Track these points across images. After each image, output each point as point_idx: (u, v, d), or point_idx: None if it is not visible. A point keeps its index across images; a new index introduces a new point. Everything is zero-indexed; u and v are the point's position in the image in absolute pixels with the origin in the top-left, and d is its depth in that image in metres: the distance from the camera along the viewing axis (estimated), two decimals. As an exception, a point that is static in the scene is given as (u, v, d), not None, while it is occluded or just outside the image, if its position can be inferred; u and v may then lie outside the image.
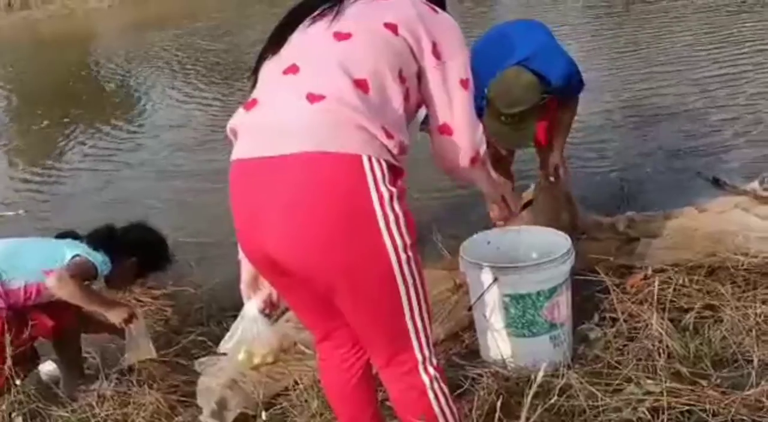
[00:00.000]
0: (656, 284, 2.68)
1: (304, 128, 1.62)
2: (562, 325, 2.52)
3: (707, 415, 2.14)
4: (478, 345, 2.67)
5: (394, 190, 1.62)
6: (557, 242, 2.53)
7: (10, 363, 2.62)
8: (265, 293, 2.03)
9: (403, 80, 1.70)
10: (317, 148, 1.59)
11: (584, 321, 2.73)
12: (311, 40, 1.73)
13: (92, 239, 2.85)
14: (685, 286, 2.78)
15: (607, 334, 2.61)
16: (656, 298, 2.61)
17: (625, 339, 2.57)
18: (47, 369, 3.00)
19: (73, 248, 2.75)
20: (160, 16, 13.11)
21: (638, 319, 2.60)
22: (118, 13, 14.65)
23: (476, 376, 2.45)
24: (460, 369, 2.54)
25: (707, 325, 2.55)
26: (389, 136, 1.63)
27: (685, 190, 3.87)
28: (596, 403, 2.22)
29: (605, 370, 2.40)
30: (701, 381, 2.28)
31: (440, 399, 1.78)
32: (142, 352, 2.83)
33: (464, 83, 1.76)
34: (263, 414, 2.44)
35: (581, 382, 2.28)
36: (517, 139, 2.92)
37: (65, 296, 2.66)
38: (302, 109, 1.62)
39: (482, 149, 1.84)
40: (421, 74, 1.74)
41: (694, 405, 2.18)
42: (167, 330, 3.28)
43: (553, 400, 2.10)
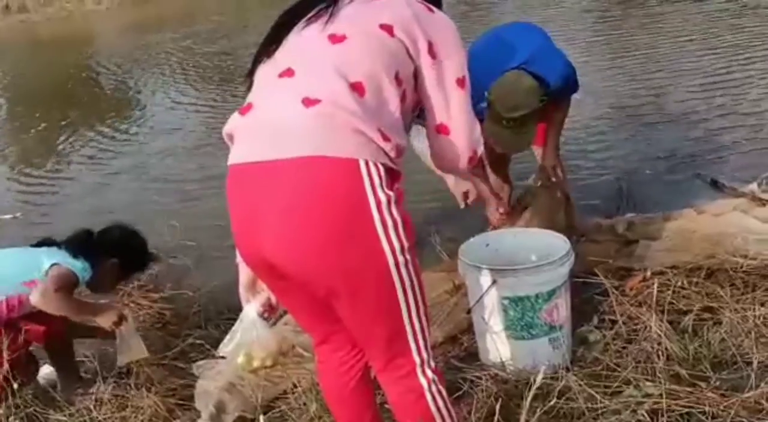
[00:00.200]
0: (655, 287, 2.68)
1: (300, 132, 1.61)
2: (561, 327, 2.52)
3: (706, 417, 2.14)
4: (476, 347, 2.66)
5: (391, 194, 1.62)
6: (556, 245, 2.53)
7: (7, 367, 2.62)
8: (263, 297, 2.03)
9: (399, 82, 1.69)
10: (314, 152, 1.59)
11: (583, 323, 2.73)
12: (306, 42, 1.73)
13: (70, 245, 2.78)
14: (684, 288, 2.78)
15: (606, 336, 2.61)
16: (655, 300, 2.62)
17: (624, 341, 2.57)
18: (44, 372, 2.99)
19: (51, 257, 2.70)
20: (158, 18, 13.09)
21: (637, 321, 2.60)
22: (116, 15, 14.62)
23: (475, 379, 2.44)
24: (458, 371, 2.53)
25: (706, 327, 2.55)
26: (386, 139, 1.63)
27: (684, 192, 3.86)
28: (595, 405, 2.22)
29: (604, 372, 2.40)
30: (700, 383, 2.28)
31: (438, 401, 1.78)
32: (134, 352, 2.82)
33: (461, 82, 1.75)
34: (261, 417, 2.43)
35: (580, 384, 2.28)
36: (517, 142, 2.92)
37: (51, 311, 2.64)
38: (298, 113, 1.62)
39: (480, 149, 1.83)
40: (417, 74, 1.73)
41: (693, 407, 2.17)
42: (165, 333, 3.27)
43: (552, 402, 2.10)
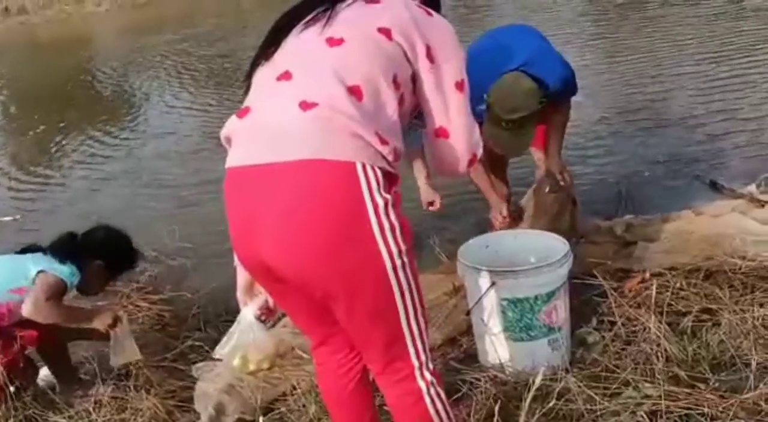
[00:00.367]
0: (654, 288, 2.69)
1: (298, 136, 1.61)
2: (560, 329, 2.52)
3: (705, 419, 2.14)
4: (476, 349, 2.66)
5: (388, 197, 1.62)
6: (555, 246, 2.53)
7: (1, 370, 2.62)
8: (261, 300, 2.03)
9: (397, 86, 1.69)
10: (312, 155, 1.59)
11: (582, 324, 2.73)
12: (304, 45, 1.72)
13: (55, 250, 2.75)
14: (682, 289, 2.78)
15: (605, 338, 2.61)
16: (654, 301, 2.61)
17: (623, 342, 2.57)
18: (44, 374, 2.99)
19: (37, 263, 2.67)
20: (157, 20, 13.10)
21: (636, 323, 2.60)
22: (115, 17, 14.64)
23: (474, 380, 2.44)
24: (457, 373, 2.53)
25: (705, 328, 2.55)
26: (384, 142, 1.63)
27: (682, 193, 3.87)
28: (594, 407, 2.22)
29: (603, 374, 2.39)
30: (699, 384, 2.28)
31: (437, 404, 1.78)
32: (127, 354, 2.82)
33: (459, 86, 1.75)
34: (261, 419, 2.44)
35: (579, 386, 2.28)
36: (517, 144, 2.92)
37: (44, 321, 2.63)
38: (296, 116, 1.61)
39: (479, 152, 1.84)
40: (416, 78, 1.73)
41: (692, 408, 2.17)
42: (164, 335, 3.27)
43: (551, 404, 2.11)
